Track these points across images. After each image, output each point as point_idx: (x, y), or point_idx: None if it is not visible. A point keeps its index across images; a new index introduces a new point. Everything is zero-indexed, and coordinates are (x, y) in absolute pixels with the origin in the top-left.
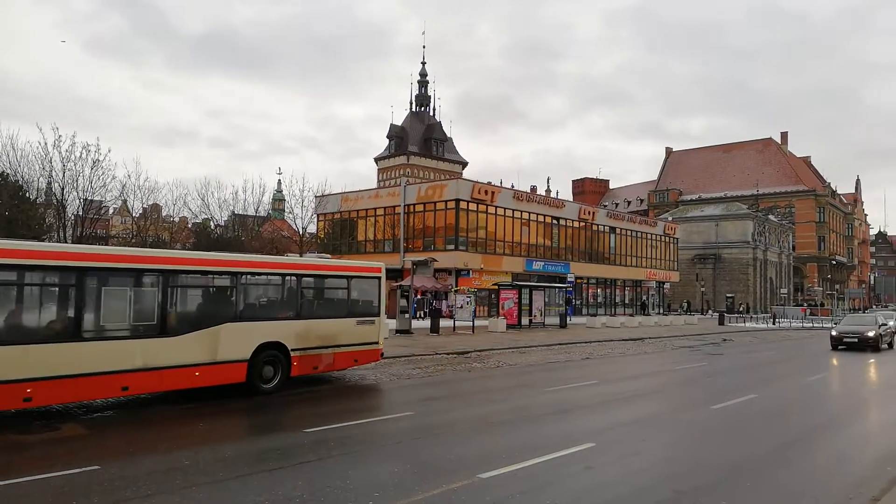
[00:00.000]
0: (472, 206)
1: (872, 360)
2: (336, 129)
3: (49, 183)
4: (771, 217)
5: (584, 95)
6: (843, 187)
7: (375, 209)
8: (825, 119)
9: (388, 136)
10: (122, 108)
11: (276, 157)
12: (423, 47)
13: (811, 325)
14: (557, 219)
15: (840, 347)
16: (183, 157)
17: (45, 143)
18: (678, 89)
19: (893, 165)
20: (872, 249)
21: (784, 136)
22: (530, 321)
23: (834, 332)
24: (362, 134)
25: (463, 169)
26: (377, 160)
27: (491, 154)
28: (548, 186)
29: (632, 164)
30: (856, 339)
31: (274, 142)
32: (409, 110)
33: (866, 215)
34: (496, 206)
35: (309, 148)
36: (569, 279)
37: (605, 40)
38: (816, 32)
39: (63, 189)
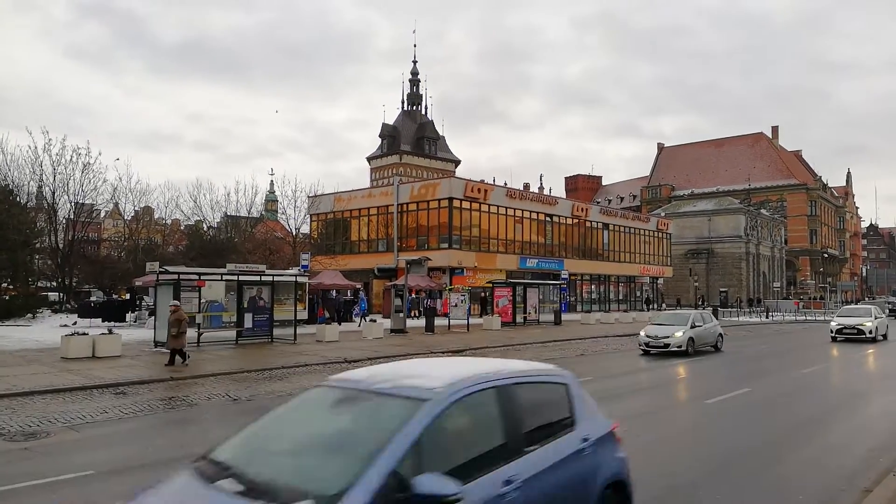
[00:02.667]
0: (466, 205)
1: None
2: (318, 133)
3: (40, 187)
4: (763, 211)
5: (559, 97)
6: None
7: (369, 209)
8: (794, 117)
9: (380, 136)
10: (105, 113)
11: (261, 160)
12: (415, 46)
13: (804, 318)
14: (551, 216)
15: None
16: (168, 161)
17: (35, 147)
18: (650, 90)
19: (867, 161)
20: (864, 242)
21: (775, 130)
22: (525, 318)
23: None
24: (344, 137)
25: (456, 167)
26: (370, 159)
27: (472, 154)
28: (541, 184)
29: (611, 163)
30: None
31: (257, 145)
32: (400, 109)
33: (857, 208)
34: (489, 204)
35: (292, 151)
36: (563, 276)
37: (575, 45)
38: (778, 34)
39: (54, 193)
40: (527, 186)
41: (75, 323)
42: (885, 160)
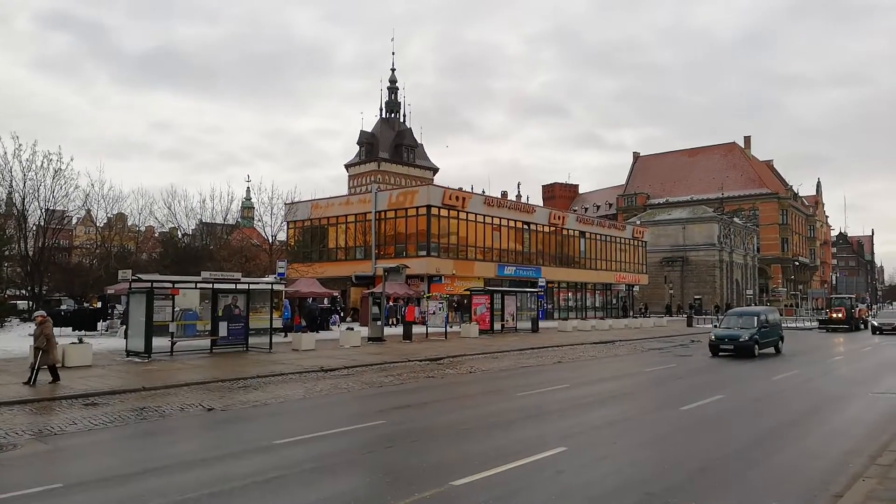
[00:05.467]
0: (444, 212)
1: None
2: (286, 142)
3: (9, 193)
4: (736, 220)
5: (522, 110)
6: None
7: (346, 216)
8: (750, 128)
9: (358, 143)
10: (72, 123)
11: (232, 169)
12: (393, 54)
13: None
14: (528, 224)
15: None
16: (138, 169)
17: (5, 153)
18: (608, 103)
19: (825, 172)
20: (834, 250)
21: (747, 140)
22: (503, 326)
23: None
24: (314, 146)
25: (434, 175)
26: (348, 167)
27: (440, 164)
28: (518, 192)
29: (576, 173)
30: None
31: (227, 154)
32: (378, 117)
33: (827, 217)
34: (467, 212)
35: (263, 160)
36: (540, 283)
37: (532, 60)
38: (726, 50)
39: (24, 199)
40: (504, 195)
41: None
42: (842, 170)
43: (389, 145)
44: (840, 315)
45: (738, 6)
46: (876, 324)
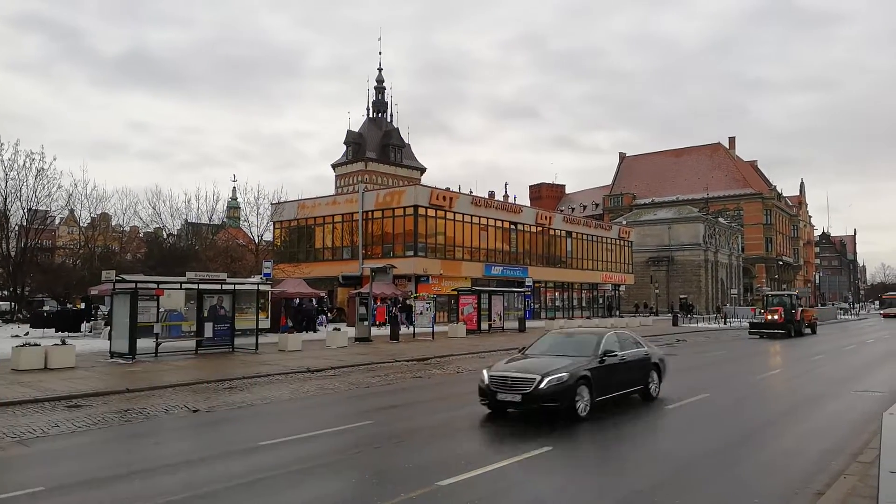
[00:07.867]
0: (431, 212)
1: None
2: (265, 144)
3: None
4: (721, 220)
5: (496, 113)
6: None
7: (333, 216)
8: (721, 132)
9: (345, 143)
10: (49, 124)
11: (211, 170)
12: (380, 53)
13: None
14: (515, 224)
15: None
16: (117, 170)
17: None
18: (580, 107)
19: (798, 174)
20: (817, 250)
21: (732, 141)
22: (490, 326)
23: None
24: (293, 147)
25: (421, 175)
26: (335, 166)
27: (425, 164)
28: (505, 192)
29: (552, 173)
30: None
31: (206, 155)
32: (365, 116)
33: (810, 217)
34: (455, 212)
35: (242, 161)
36: (527, 283)
37: (503, 65)
38: (690, 57)
39: (6, 199)
40: (492, 195)
41: (27, 333)
42: (818, 173)
43: (377, 145)
44: (776, 317)
45: (701, 13)
46: (487, 379)
